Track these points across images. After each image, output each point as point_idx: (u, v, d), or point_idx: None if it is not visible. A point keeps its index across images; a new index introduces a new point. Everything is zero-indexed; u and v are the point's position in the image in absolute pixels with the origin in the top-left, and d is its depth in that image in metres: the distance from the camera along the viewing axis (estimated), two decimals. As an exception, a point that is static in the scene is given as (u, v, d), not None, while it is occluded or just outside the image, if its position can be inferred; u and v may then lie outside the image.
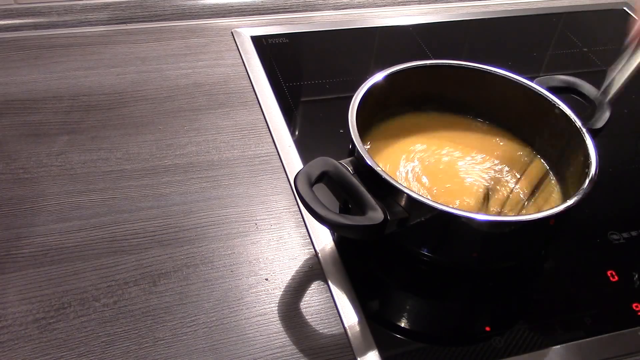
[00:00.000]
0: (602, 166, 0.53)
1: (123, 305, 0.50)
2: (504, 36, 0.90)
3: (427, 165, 0.59)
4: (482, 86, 0.62)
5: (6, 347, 0.46)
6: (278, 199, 0.60)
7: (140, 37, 0.79)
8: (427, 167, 0.59)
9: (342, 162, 0.51)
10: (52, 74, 0.72)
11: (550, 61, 0.86)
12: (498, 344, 0.50)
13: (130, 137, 0.65)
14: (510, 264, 0.56)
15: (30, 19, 0.78)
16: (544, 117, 0.60)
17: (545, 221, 0.50)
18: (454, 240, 0.53)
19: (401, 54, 0.83)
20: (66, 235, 0.55)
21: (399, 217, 0.49)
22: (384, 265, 0.56)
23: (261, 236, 0.57)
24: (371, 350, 0.49)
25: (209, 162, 0.63)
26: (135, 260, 0.53)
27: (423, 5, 0.93)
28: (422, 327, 0.52)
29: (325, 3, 0.89)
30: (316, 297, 0.52)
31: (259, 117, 0.69)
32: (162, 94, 0.71)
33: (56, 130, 0.65)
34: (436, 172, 0.58)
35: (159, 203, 0.58)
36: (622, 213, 0.63)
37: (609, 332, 0.52)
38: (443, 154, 0.61)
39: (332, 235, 0.57)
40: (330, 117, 0.71)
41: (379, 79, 0.59)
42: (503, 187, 0.58)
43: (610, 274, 0.56)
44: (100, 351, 0.47)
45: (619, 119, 0.69)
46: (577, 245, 0.59)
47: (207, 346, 0.48)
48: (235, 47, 0.80)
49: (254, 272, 0.53)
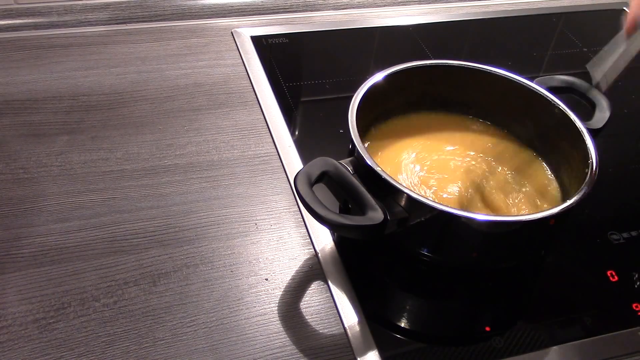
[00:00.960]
0: (602, 166, 0.53)
1: (123, 305, 0.50)
2: (504, 36, 0.90)
3: (427, 165, 0.59)
4: (482, 86, 0.62)
5: (6, 347, 0.46)
6: (278, 199, 0.60)
7: (140, 37, 0.79)
8: (426, 167, 0.59)
9: (342, 162, 0.51)
10: (52, 74, 0.72)
11: (550, 61, 0.86)
12: (498, 344, 0.50)
13: (130, 137, 0.65)
14: (510, 264, 0.56)
15: (30, 19, 0.78)
16: (544, 117, 0.60)
17: (545, 221, 0.50)
18: (454, 240, 0.53)
19: (401, 54, 0.83)
20: (66, 235, 0.55)
21: (399, 217, 0.49)
22: (384, 265, 0.56)
23: (261, 236, 0.57)
24: (371, 350, 0.49)
25: (209, 162, 0.63)
26: (135, 260, 0.53)
27: (423, 5, 0.93)
28: (422, 327, 0.52)
29: (325, 3, 0.89)
30: (316, 297, 0.52)
31: (259, 117, 0.69)
32: (162, 94, 0.71)
33: (56, 130, 0.65)
34: (436, 172, 0.58)
35: (159, 203, 0.58)
36: (622, 213, 0.63)
37: (609, 332, 0.52)
38: (443, 154, 0.60)
39: (332, 235, 0.57)
40: (330, 117, 0.71)
41: (379, 79, 0.59)
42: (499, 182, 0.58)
43: (610, 274, 0.56)
44: (100, 351, 0.47)
45: (619, 119, 0.69)
46: (577, 245, 0.59)
47: (207, 346, 0.48)
48: (235, 47, 0.80)
49: (254, 272, 0.53)
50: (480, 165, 0.60)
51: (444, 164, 0.60)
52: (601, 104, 0.60)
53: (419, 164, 0.59)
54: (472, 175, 0.59)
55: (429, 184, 0.57)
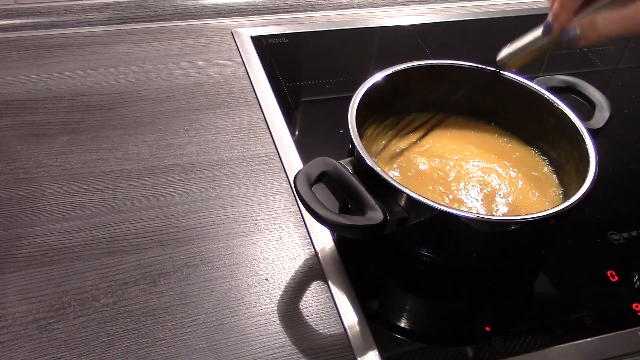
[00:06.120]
0: (602, 166, 0.53)
1: (123, 305, 0.50)
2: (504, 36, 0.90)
3: (426, 165, 0.59)
4: (482, 86, 0.62)
5: (6, 347, 0.46)
6: (278, 199, 0.60)
7: (140, 37, 0.79)
8: (426, 166, 0.59)
9: (341, 162, 0.51)
10: (52, 74, 0.72)
11: (550, 61, 0.86)
12: (498, 344, 0.50)
13: (130, 137, 0.65)
14: (510, 264, 0.56)
15: (30, 19, 0.78)
16: (544, 117, 0.60)
17: (545, 221, 0.50)
18: (454, 240, 0.53)
19: (401, 54, 0.83)
20: (66, 235, 0.55)
21: (399, 217, 0.49)
22: (384, 265, 0.56)
23: (261, 236, 0.57)
24: (371, 350, 0.49)
25: (209, 162, 0.63)
26: (135, 260, 0.53)
27: (423, 5, 0.93)
28: (422, 327, 0.52)
29: (325, 3, 0.89)
30: (316, 297, 0.52)
31: (259, 117, 0.69)
32: (162, 94, 0.71)
33: (56, 130, 0.65)
34: (435, 172, 0.58)
35: (159, 203, 0.58)
36: (622, 213, 0.63)
37: (609, 332, 0.52)
38: (442, 154, 0.60)
39: (332, 235, 0.57)
40: (330, 117, 0.71)
41: (379, 79, 0.59)
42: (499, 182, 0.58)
43: (610, 274, 0.56)
44: (100, 351, 0.47)
45: (619, 119, 0.69)
46: (577, 245, 0.59)
47: (207, 346, 0.48)
48: (235, 47, 0.80)
49: (254, 272, 0.53)
50: (480, 165, 0.60)
51: (443, 163, 0.60)
52: (601, 104, 0.60)
53: (418, 164, 0.59)
54: (471, 174, 0.59)
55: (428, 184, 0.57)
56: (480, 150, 0.61)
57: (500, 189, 0.58)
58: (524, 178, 0.59)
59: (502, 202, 0.56)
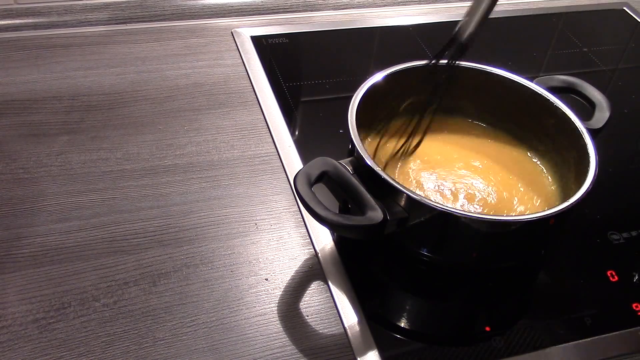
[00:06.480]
0: (602, 166, 0.53)
1: (123, 305, 0.50)
2: (504, 36, 0.90)
3: (426, 165, 0.59)
4: (482, 86, 0.62)
5: (6, 347, 0.46)
6: (278, 199, 0.60)
7: (140, 37, 0.79)
8: (426, 166, 0.59)
9: (341, 162, 0.51)
10: (52, 74, 0.72)
11: (550, 61, 0.86)
12: (498, 344, 0.50)
13: (130, 137, 0.65)
14: (510, 264, 0.56)
15: (30, 19, 0.78)
16: (544, 117, 0.60)
17: (545, 221, 0.50)
18: (454, 240, 0.53)
19: (401, 54, 0.83)
20: (66, 235, 0.55)
21: (399, 217, 0.49)
22: (384, 265, 0.56)
23: (261, 236, 0.57)
24: (371, 350, 0.49)
25: (209, 162, 0.63)
26: (135, 260, 0.53)
27: (423, 5, 0.93)
28: (422, 327, 0.52)
29: (325, 3, 0.89)
30: (316, 297, 0.52)
31: (259, 117, 0.69)
32: (162, 94, 0.71)
33: (56, 130, 0.65)
34: (435, 172, 0.58)
35: (159, 203, 0.58)
36: (622, 213, 0.63)
37: (609, 332, 0.52)
38: (442, 154, 0.61)
39: (332, 235, 0.57)
40: (330, 117, 0.71)
41: (378, 79, 0.59)
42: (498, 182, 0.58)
43: (610, 274, 0.56)
44: (100, 351, 0.47)
45: (619, 119, 0.69)
46: (577, 245, 0.59)
47: (207, 346, 0.48)
48: (235, 47, 0.80)
49: (254, 272, 0.54)
50: (480, 165, 0.60)
51: (442, 164, 0.60)
52: (601, 104, 0.60)
53: (418, 164, 0.59)
54: (471, 175, 0.59)
55: (428, 184, 0.57)
56: (480, 150, 0.61)
57: (500, 189, 0.58)
58: (524, 178, 0.59)
59: (502, 202, 0.56)
